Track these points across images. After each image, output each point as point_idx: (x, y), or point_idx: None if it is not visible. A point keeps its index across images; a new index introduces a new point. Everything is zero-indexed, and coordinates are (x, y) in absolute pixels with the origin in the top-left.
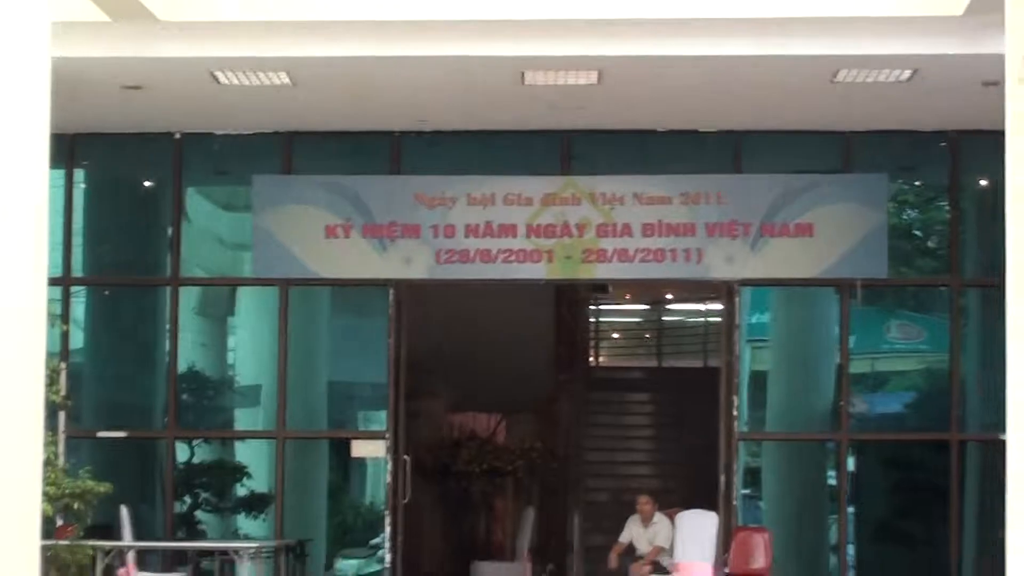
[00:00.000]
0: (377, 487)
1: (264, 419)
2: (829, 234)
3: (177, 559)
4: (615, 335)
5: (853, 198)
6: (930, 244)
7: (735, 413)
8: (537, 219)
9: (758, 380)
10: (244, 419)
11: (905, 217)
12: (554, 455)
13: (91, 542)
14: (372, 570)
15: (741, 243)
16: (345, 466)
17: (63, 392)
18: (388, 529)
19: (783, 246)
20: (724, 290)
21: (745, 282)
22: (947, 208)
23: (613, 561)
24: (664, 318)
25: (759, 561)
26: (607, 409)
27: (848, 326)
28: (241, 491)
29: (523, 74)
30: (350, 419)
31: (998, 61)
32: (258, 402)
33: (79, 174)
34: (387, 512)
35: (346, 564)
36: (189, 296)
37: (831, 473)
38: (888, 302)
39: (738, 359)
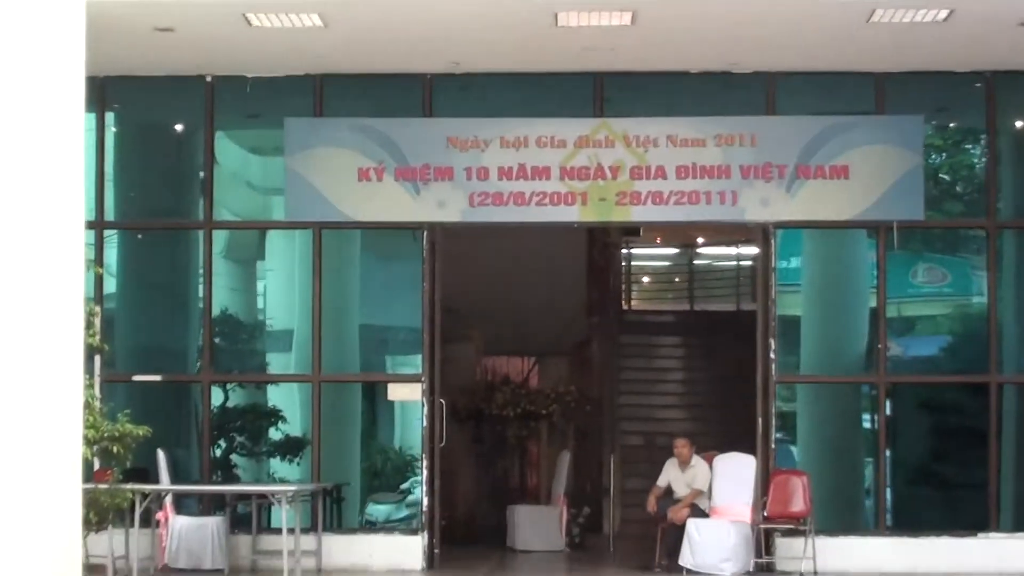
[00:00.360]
0: (408, 431)
1: (296, 363)
2: (865, 176)
3: (214, 503)
4: (646, 279)
5: (889, 140)
6: (966, 186)
7: (772, 357)
8: (570, 161)
9: (790, 324)
10: (276, 363)
11: (941, 159)
12: (588, 399)
13: (130, 485)
14: (402, 515)
15: (776, 185)
16: (377, 410)
17: (99, 336)
18: (425, 473)
19: (818, 188)
20: (759, 233)
21: (780, 224)
22: (983, 150)
23: (652, 504)
24: (695, 261)
25: (798, 504)
26: (639, 352)
27: (885, 269)
28: (276, 435)
29: (556, 15)
30: (384, 363)
31: None
32: (290, 347)
33: (110, 117)
34: (424, 456)
35: (377, 509)
36: (218, 241)
37: (865, 417)
38: (920, 245)
39: (774, 302)
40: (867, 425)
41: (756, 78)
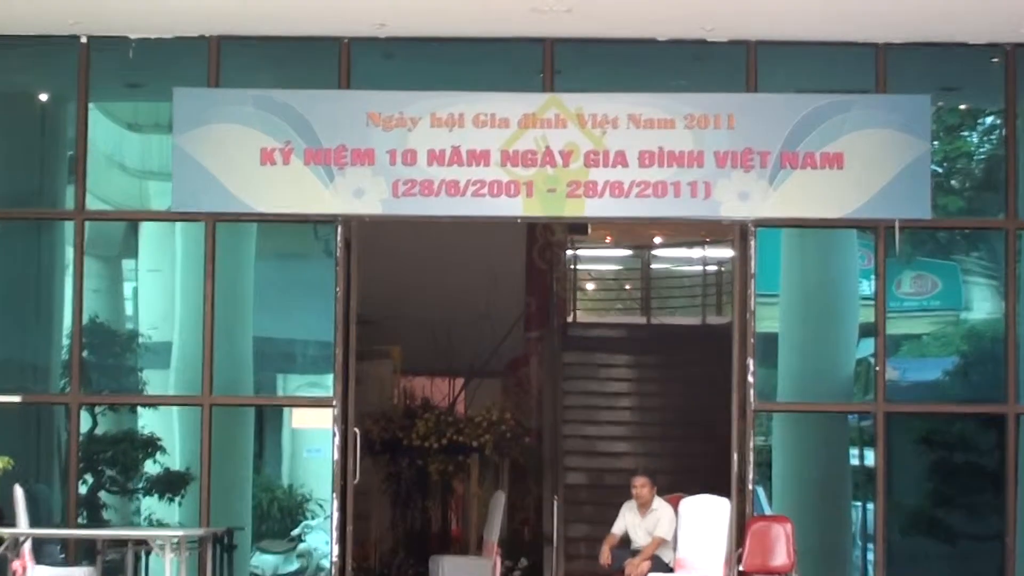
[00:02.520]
0: (299, 466)
1: (177, 383)
2: (861, 166)
3: (81, 550)
4: (591, 286)
5: (891, 123)
6: (979, 178)
7: (751, 380)
8: (514, 144)
9: (767, 341)
10: (153, 382)
11: (950, 146)
12: (526, 428)
13: None
14: (292, 568)
15: (757, 176)
16: (265, 440)
17: None
18: (335, 516)
19: (807, 180)
20: (736, 232)
21: (761, 222)
22: (1000, 135)
23: (606, 556)
24: (652, 265)
25: (780, 557)
26: (587, 373)
27: (884, 276)
28: (153, 468)
29: None
30: (284, 383)
31: None
32: (168, 363)
33: None
34: (334, 495)
35: (263, 560)
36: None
37: (854, 452)
38: (929, 247)
39: (753, 314)
40: (856, 462)
41: (734, 48)
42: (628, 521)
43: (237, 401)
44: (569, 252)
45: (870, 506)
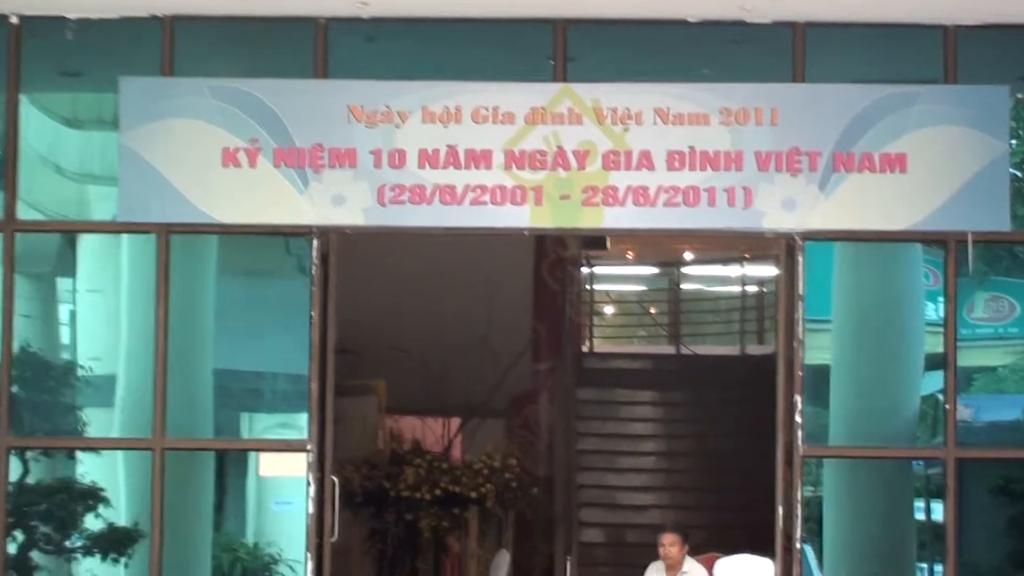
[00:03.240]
0: (266, 520)
1: (122, 423)
2: (928, 169)
3: None
4: (610, 310)
5: (962, 119)
6: None
7: (799, 420)
8: (520, 143)
9: (817, 375)
10: (96, 422)
11: None
12: (534, 477)
13: None
14: None
15: (805, 181)
16: (226, 489)
17: None
18: None
19: (864, 186)
20: (782, 246)
21: (811, 235)
22: None
23: None
24: (682, 286)
25: None
26: (606, 412)
27: (955, 298)
28: (95, 524)
29: None
30: (249, 424)
31: None
32: (112, 400)
33: None
34: (308, 555)
35: None
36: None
37: (919, 504)
38: (1006, 265)
39: (802, 343)
40: (922, 516)
41: (779, 30)
42: None
43: (194, 445)
44: (585, 270)
45: (938, 568)
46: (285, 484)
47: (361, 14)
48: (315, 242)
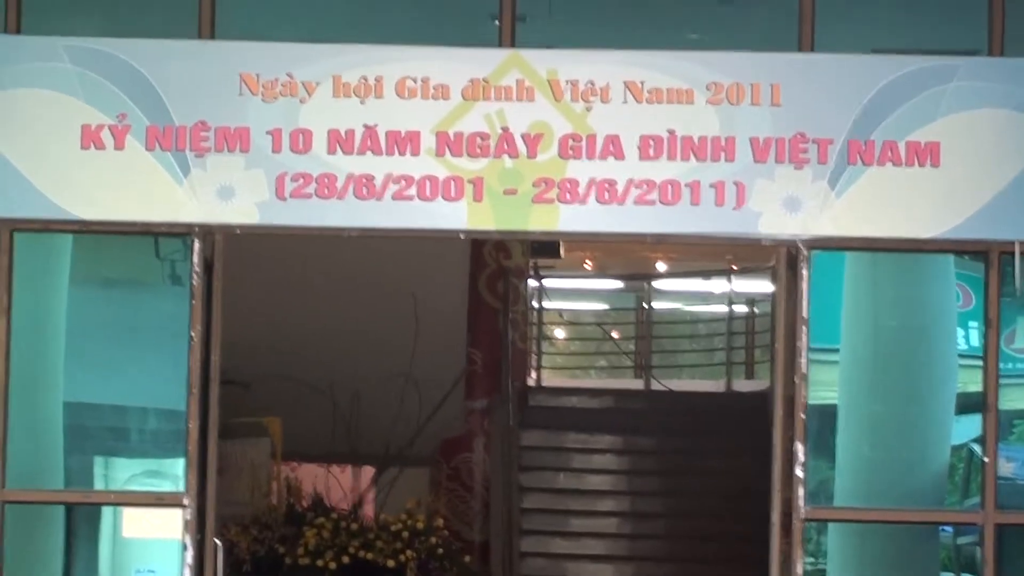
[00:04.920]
0: None
1: None
2: (966, 163)
3: None
4: (562, 333)
5: (1010, 101)
6: None
7: (799, 474)
8: (456, 124)
9: (823, 418)
10: None
11: None
12: (466, 542)
13: None
14: None
15: (812, 175)
16: (76, 553)
17: None
18: None
19: (885, 182)
20: (782, 257)
21: (818, 243)
22: None
23: None
24: (652, 304)
25: None
26: (558, 462)
27: (998, 324)
28: None
29: None
30: (112, 472)
31: None
32: None
33: None
34: None
35: None
36: None
37: None
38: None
39: (805, 378)
40: None
41: None
42: None
43: (39, 497)
44: (532, 283)
45: None
46: (152, 548)
47: None
48: (196, 244)
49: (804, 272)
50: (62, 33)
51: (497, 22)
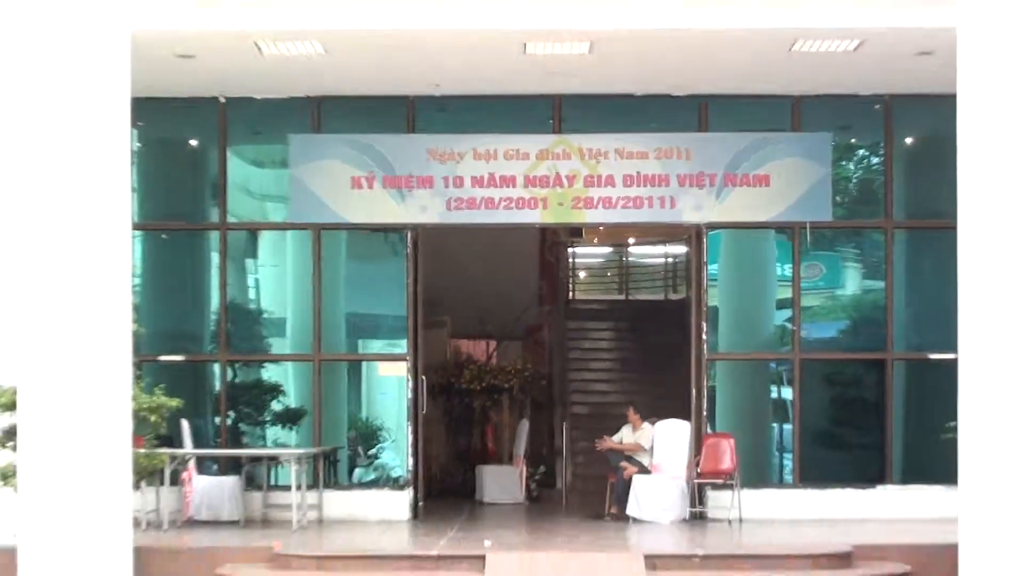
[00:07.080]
0: (374, 405)
1: (292, 345)
2: (782, 184)
3: (230, 464)
4: (582, 274)
5: (802, 153)
6: (864, 192)
7: (704, 338)
8: (533, 171)
9: (712, 311)
10: (276, 345)
11: (846, 169)
12: (541, 375)
13: (163, 450)
14: (371, 478)
15: (707, 192)
16: (349, 386)
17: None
18: (410, 438)
19: (743, 194)
20: (693, 232)
21: (711, 225)
22: (881, 162)
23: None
24: (628, 259)
25: (726, 463)
26: (583, 335)
27: (800, 263)
28: (277, 407)
29: (524, 45)
30: (366, 346)
31: (933, 33)
32: (284, 332)
33: (134, 134)
34: (408, 423)
35: (356, 472)
36: (217, 241)
37: (773, 388)
38: (829, 241)
39: (706, 292)
40: (774, 395)
41: (691, 100)
42: (623, 435)
43: (339, 357)
44: (569, 249)
45: (787, 427)
46: (390, 382)
47: (435, 93)
48: (408, 235)
49: (704, 241)
50: (342, 132)
51: (551, 121)
